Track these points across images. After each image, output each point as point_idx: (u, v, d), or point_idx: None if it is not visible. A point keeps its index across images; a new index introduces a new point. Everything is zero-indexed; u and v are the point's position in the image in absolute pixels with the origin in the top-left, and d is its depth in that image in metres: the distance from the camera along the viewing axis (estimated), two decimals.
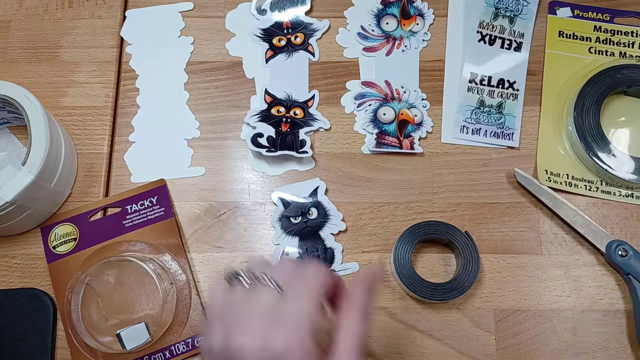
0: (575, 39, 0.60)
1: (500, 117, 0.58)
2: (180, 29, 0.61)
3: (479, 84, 0.59)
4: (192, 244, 0.54)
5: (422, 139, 0.57)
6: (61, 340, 0.51)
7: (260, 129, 0.56)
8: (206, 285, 0.53)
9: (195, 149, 0.57)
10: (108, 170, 0.56)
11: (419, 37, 0.60)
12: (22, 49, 0.60)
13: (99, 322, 0.50)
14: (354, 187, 0.56)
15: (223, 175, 0.56)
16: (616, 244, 0.52)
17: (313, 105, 0.58)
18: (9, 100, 0.50)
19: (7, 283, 0.53)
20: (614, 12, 0.60)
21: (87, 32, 0.60)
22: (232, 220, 0.55)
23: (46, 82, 0.58)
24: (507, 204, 0.55)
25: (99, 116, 0.57)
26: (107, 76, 0.59)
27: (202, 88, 0.59)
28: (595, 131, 0.55)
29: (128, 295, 0.51)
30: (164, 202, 0.54)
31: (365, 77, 0.59)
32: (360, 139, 0.57)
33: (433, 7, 0.61)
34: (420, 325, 0.52)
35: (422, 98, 0.58)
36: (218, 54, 0.60)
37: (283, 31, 0.60)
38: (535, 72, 0.59)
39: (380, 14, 0.61)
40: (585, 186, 0.55)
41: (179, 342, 0.51)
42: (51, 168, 0.50)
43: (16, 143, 0.57)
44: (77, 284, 0.51)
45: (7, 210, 0.48)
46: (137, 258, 0.52)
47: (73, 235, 0.53)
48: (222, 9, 0.62)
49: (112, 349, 0.49)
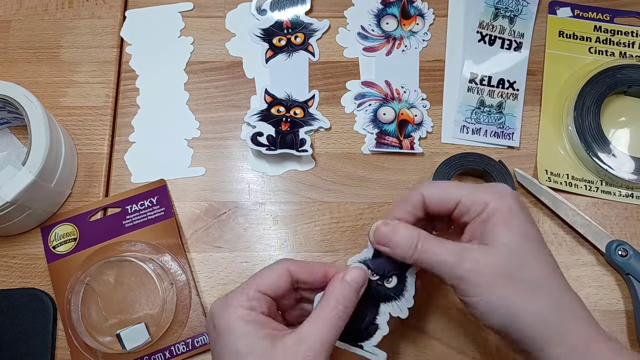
0: (575, 39, 0.60)
1: (500, 117, 0.58)
2: (180, 29, 0.61)
3: (479, 83, 0.59)
4: (192, 244, 0.54)
5: (422, 139, 0.57)
6: (61, 340, 0.51)
7: (260, 128, 0.56)
8: (206, 285, 0.53)
9: (195, 149, 0.57)
10: (108, 170, 0.56)
11: (419, 37, 0.60)
12: (22, 49, 0.60)
13: (99, 322, 0.50)
14: (354, 187, 0.56)
15: (223, 175, 0.56)
16: (616, 244, 0.52)
17: (313, 105, 0.58)
18: (9, 100, 0.50)
19: (7, 283, 0.53)
20: (614, 12, 0.60)
21: (87, 32, 0.60)
22: (232, 220, 0.55)
23: (46, 82, 0.59)
24: None
25: (99, 116, 0.57)
26: (107, 76, 0.59)
27: (202, 88, 0.59)
28: (595, 131, 0.55)
29: (128, 295, 0.51)
30: (164, 202, 0.54)
31: (365, 77, 0.59)
32: (360, 139, 0.57)
33: (433, 7, 0.61)
34: (420, 325, 0.52)
35: (422, 98, 0.58)
36: (218, 54, 0.60)
37: (283, 31, 0.60)
38: (536, 72, 0.59)
39: (380, 14, 0.61)
40: (585, 186, 0.55)
41: (178, 342, 0.51)
42: (51, 168, 0.50)
43: (16, 143, 0.57)
44: (77, 284, 0.51)
45: (7, 210, 0.48)
46: (137, 258, 0.52)
47: (73, 235, 0.53)
48: (222, 9, 0.62)
49: (112, 349, 0.49)
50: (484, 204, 0.38)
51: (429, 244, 0.38)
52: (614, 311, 0.52)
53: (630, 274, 0.51)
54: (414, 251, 0.38)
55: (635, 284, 0.51)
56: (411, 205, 0.41)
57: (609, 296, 0.52)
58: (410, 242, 0.38)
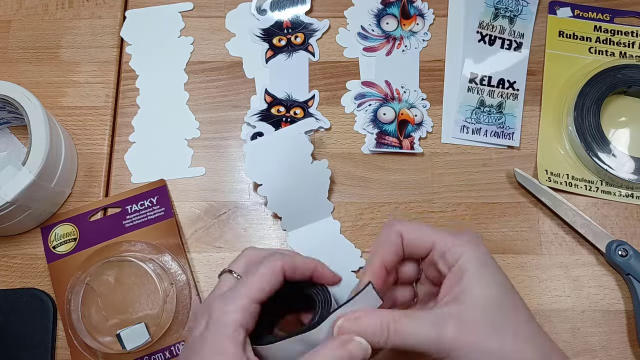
0: (576, 39, 0.60)
1: (500, 116, 0.58)
2: (180, 29, 0.61)
3: (479, 83, 0.59)
4: (192, 244, 0.54)
5: (422, 139, 0.57)
6: (61, 340, 0.51)
7: (260, 128, 0.56)
8: (206, 285, 0.53)
9: (195, 149, 0.57)
10: (108, 170, 0.56)
11: (419, 37, 0.60)
12: (22, 49, 0.60)
13: (99, 322, 0.50)
14: (354, 187, 0.56)
15: (223, 175, 0.56)
16: (616, 244, 0.52)
17: (313, 105, 0.58)
18: (9, 100, 0.50)
19: (7, 283, 0.53)
20: (614, 12, 0.60)
21: (87, 32, 0.60)
22: (232, 220, 0.55)
23: (46, 82, 0.58)
24: (507, 204, 0.55)
25: (99, 116, 0.57)
26: (107, 76, 0.59)
27: (202, 88, 0.59)
28: (595, 131, 0.55)
29: (128, 296, 0.51)
30: (164, 202, 0.54)
31: (365, 77, 0.59)
32: (360, 139, 0.57)
33: (433, 7, 0.61)
34: None
35: (422, 98, 0.58)
36: (218, 54, 0.60)
37: (283, 31, 0.60)
38: (536, 72, 0.59)
39: (380, 14, 0.61)
40: (585, 186, 0.55)
41: (178, 342, 0.51)
42: (51, 168, 0.50)
43: (16, 143, 0.57)
44: (77, 284, 0.51)
45: (7, 210, 0.48)
46: (137, 258, 0.52)
47: (73, 235, 0.53)
48: (222, 9, 0.62)
49: (112, 349, 0.49)
50: (459, 253, 0.37)
51: (401, 324, 0.35)
52: (614, 311, 0.52)
53: (630, 274, 0.51)
54: (387, 336, 0.35)
55: (635, 284, 0.51)
56: (394, 245, 0.39)
57: (609, 296, 0.52)
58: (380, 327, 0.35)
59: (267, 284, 0.37)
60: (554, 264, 0.53)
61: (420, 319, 0.35)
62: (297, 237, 0.54)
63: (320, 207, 0.54)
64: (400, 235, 0.39)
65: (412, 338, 0.35)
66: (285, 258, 0.39)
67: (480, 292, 0.36)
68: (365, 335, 0.35)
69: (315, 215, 0.54)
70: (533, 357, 0.35)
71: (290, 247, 0.54)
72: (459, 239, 0.38)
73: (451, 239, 0.38)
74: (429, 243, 0.39)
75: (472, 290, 0.36)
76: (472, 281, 0.36)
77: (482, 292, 0.36)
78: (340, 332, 0.36)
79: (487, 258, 0.38)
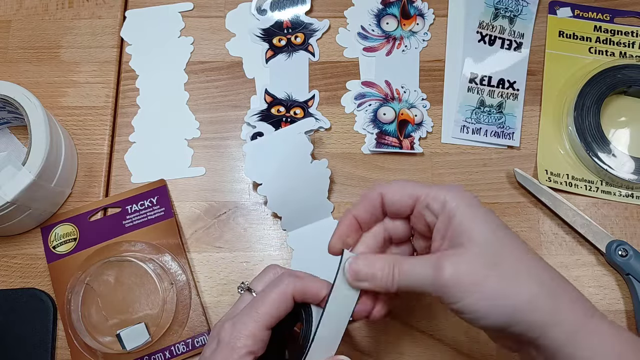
0: (576, 39, 0.60)
1: (500, 116, 0.58)
2: (180, 29, 0.61)
3: (479, 83, 0.59)
4: (192, 244, 0.54)
5: (422, 139, 0.57)
6: (61, 340, 0.51)
7: (260, 128, 0.56)
8: (206, 285, 0.53)
9: (195, 149, 0.57)
10: (108, 170, 0.56)
11: (419, 37, 0.60)
12: (22, 49, 0.60)
13: (99, 322, 0.50)
14: (354, 187, 0.56)
15: (223, 175, 0.56)
16: (616, 244, 0.52)
17: (313, 105, 0.58)
18: (9, 100, 0.50)
19: (7, 283, 0.53)
20: (614, 12, 0.60)
21: (87, 32, 0.60)
22: (232, 220, 0.55)
23: (46, 82, 0.58)
24: (507, 204, 0.55)
25: (99, 116, 0.57)
26: (107, 76, 0.59)
27: (202, 88, 0.59)
28: (595, 131, 0.55)
29: (128, 296, 0.51)
30: (164, 202, 0.54)
31: (365, 77, 0.59)
32: (360, 139, 0.57)
33: (433, 7, 0.61)
34: (421, 325, 0.52)
35: (422, 98, 0.58)
36: (218, 54, 0.60)
37: (283, 31, 0.60)
38: (536, 72, 0.59)
39: (381, 14, 0.61)
40: (585, 186, 0.55)
41: (178, 342, 0.51)
42: (51, 168, 0.50)
43: (16, 143, 0.57)
44: (77, 284, 0.51)
45: (7, 210, 0.48)
46: (137, 258, 0.52)
47: (73, 235, 0.53)
48: (222, 9, 0.62)
49: (112, 349, 0.49)
50: (442, 201, 0.37)
51: (404, 267, 0.37)
52: (614, 311, 0.52)
53: (630, 274, 0.51)
54: (392, 279, 0.37)
55: (635, 284, 0.51)
56: (370, 204, 0.40)
57: (609, 296, 0.52)
58: (388, 271, 0.37)
59: (276, 311, 0.38)
60: (554, 264, 0.52)
61: (419, 262, 0.37)
62: (297, 237, 0.54)
63: (320, 207, 0.54)
64: (381, 195, 0.40)
65: (413, 279, 0.37)
66: (297, 283, 0.39)
67: (474, 235, 0.36)
68: (375, 278, 0.37)
69: (315, 215, 0.54)
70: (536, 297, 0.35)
71: (290, 247, 0.54)
72: (440, 187, 0.38)
73: (433, 189, 0.38)
74: (411, 198, 0.39)
75: (466, 234, 0.36)
76: (463, 225, 0.36)
77: (476, 234, 0.36)
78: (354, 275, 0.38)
79: (471, 199, 0.38)
